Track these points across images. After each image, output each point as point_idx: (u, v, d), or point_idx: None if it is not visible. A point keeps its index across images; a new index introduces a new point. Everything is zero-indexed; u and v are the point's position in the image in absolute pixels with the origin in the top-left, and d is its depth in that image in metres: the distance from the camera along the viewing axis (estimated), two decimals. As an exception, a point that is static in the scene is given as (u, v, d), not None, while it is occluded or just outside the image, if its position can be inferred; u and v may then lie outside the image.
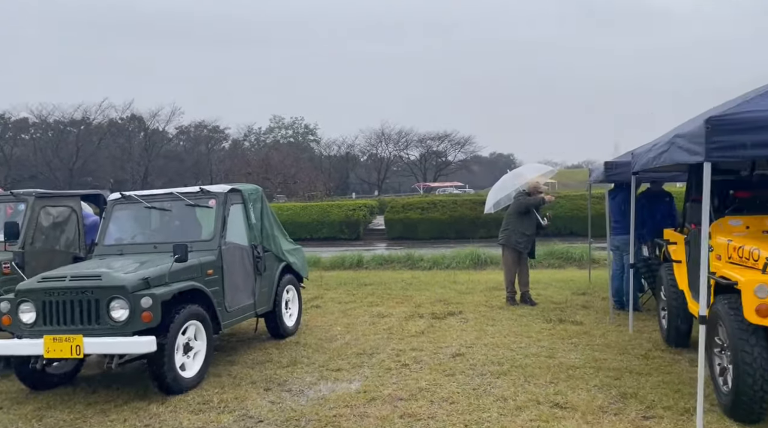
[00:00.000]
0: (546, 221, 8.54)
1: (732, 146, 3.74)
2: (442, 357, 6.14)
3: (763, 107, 3.78)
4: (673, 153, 4.65)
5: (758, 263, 4.05)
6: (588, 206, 10.43)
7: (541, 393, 4.93)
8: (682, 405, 4.49)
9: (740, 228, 4.71)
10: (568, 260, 13.62)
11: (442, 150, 67.05)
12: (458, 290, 10.38)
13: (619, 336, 6.62)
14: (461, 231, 22.25)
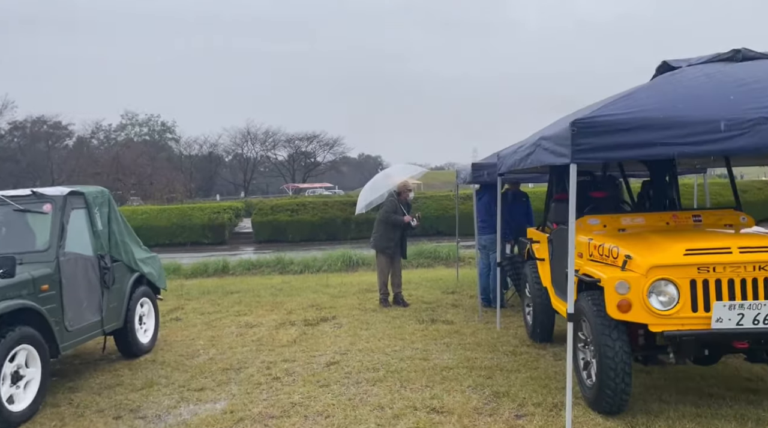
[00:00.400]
0: (416, 222, 8.57)
1: (597, 148, 3.85)
2: (316, 367, 5.85)
3: (626, 110, 3.94)
4: (540, 155, 4.76)
5: (617, 261, 4.25)
6: (456, 207, 10.71)
7: (417, 398, 4.83)
8: (550, 400, 4.61)
9: (599, 227, 4.96)
10: (437, 259, 13.96)
11: (311, 151, 66.57)
12: (331, 293, 10.14)
13: (488, 334, 6.77)
14: (332, 233, 22.09)
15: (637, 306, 3.95)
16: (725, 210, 4.94)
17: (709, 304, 3.86)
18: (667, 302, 3.92)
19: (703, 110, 3.94)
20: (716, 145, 3.82)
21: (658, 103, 4.08)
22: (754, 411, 4.10)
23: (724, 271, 3.84)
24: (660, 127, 3.85)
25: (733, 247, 3.88)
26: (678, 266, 3.90)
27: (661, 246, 4.11)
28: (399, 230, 8.60)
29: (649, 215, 4.99)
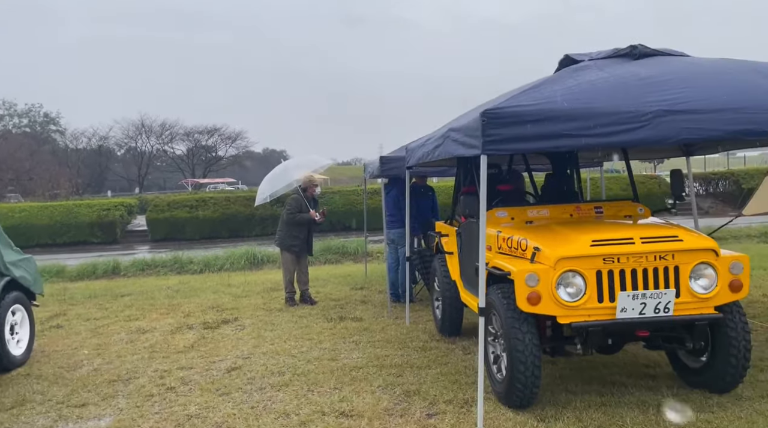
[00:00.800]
0: (320, 218, 8.27)
1: (507, 139, 3.78)
2: (216, 374, 5.44)
3: (534, 101, 3.90)
4: (449, 147, 4.65)
5: (526, 253, 4.22)
6: (364, 201, 10.53)
7: (325, 402, 4.58)
8: (461, 396, 4.52)
9: (506, 219, 4.94)
10: (345, 254, 13.75)
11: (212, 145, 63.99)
12: (233, 293, 9.64)
13: (398, 330, 6.64)
14: (235, 230, 21.25)
15: (546, 298, 3.93)
16: (624, 202, 5.09)
17: (614, 294, 3.91)
18: (574, 293, 3.94)
19: (607, 103, 3.98)
20: (619, 137, 3.87)
21: (564, 95, 4.08)
22: (655, 398, 4.22)
23: (627, 261, 3.90)
24: (567, 118, 3.85)
25: (635, 237, 3.95)
26: (585, 257, 3.92)
27: (568, 238, 4.13)
28: (305, 227, 8.28)
29: (553, 208, 5.03)
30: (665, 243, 3.92)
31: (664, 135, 3.87)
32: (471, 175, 5.69)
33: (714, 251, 3.92)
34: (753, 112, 3.82)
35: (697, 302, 3.93)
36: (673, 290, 3.87)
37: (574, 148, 3.91)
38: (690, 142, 3.92)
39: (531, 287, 3.93)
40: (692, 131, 3.85)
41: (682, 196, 4.85)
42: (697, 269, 3.92)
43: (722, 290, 3.92)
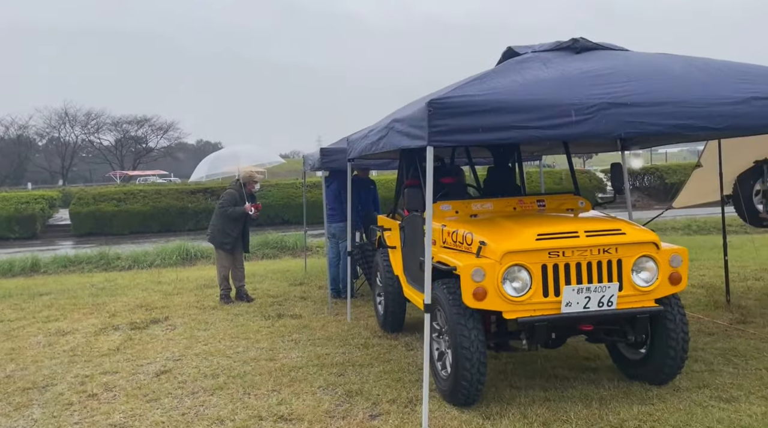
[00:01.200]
0: (254, 212, 7.93)
1: (454, 130, 3.66)
2: (143, 378, 5.08)
3: (482, 92, 3.79)
4: (393, 138, 4.50)
5: (472, 247, 4.13)
6: (303, 194, 10.24)
7: (263, 406, 4.34)
8: (405, 395, 4.39)
9: (451, 213, 4.84)
10: (283, 249, 13.41)
11: (142, 136, 61.38)
12: (164, 291, 9.15)
13: (339, 327, 6.45)
14: (167, 224, 20.40)
15: (492, 294, 3.85)
16: (565, 195, 5.09)
17: (559, 289, 3.87)
18: (520, 288, 3.87)
19: (554, 95, 3.93)
20: (565, 130, 3.82)
21: (511, 87, 4.01)
22: (596, 391, 4.23)
23: (572, 255, 3.87)
24: (515, 110, 3.78)
25: (579, 231, 3.93)
26: (530, 251, 3.86)
27: (513, 232, 4.06)
28: (240, 222, 7.92)
29: (497, 201, 4.98)
30: (609, 237, 3.92)
31: (608, 129, 3.86)
32: (415, 167, 5.57)
33: (655, 244, 3.95)
34: (693, 106, 3.86)
35: (638, 296, 3.95)
36: (616, 283, 3.87)
37: (522, 140, 3.84)
38: (632, 136, 3.91)
39: (477, 283, 3.84)
40: (635, 125, 3.85)
41: (622, 189, 4.90)
42: (639, 262, 3.94)
43: (662, 283, 3.96)
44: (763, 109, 3.90)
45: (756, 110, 3.89)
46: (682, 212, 11.46)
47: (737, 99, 3.91)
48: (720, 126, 3.89)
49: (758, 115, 3.90)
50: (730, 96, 3.93)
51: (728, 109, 3.88)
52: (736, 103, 3.90)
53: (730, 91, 3.99)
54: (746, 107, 3.89)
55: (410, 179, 5.74)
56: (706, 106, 3.88)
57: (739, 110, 3.89)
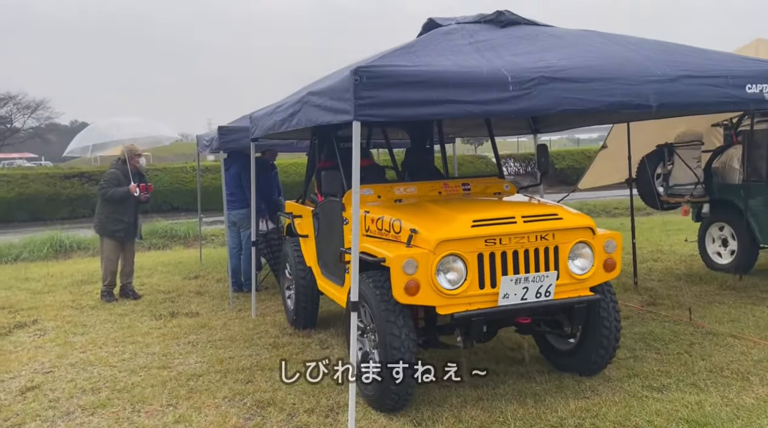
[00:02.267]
0: (144, 194, 7.02)
1: (384, 103, 3.23)
2: (4, 398, 4.20)
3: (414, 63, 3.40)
4: (310, 113, 3.97)
5: (401, 236, 3.71)
6: (197, 179, 9.34)
7: (157, 425, 3.69)
8: (325, 403, 3.91)
9: (373, 198, 4.39)
10: (173, 238, 12.32)
11: (6, 115, 55.13)
12: (32, 289, 7.96)
13: (243, 325, 5.82)
14: (36, 212, 18.23)
15: (425, 287, 3.46)
16: (490, 178, 4.82)
17: (495, 279, 3.56)
18: (455, 280, 3.51)
19: (491, 69, 3.60)
20: (504, 105, 3.51)
21: (444, 59, 3.62)
22: (529, 386, 3.99)
23: (509, 243, 3.57)
24: (452, 84, 3.41)
25: (517, 216, 3.63)
26: (466, 239, 3.51)
27: (446, 218, 3.69)
28: (131, 207, 6.97)
29: (421, 184, 4.60)
30: (546, 222, 3.66)
31: (546, 105, 3.59)
32: (330, 147, 5.05)
33: (591, 229, 3.75)
34: (628, 83, 3.68)
35: (575, 284, 3.73)
36: (554, 272, 3.63)
37: (457, 116, 3.46)
38: (570, 113, 3.67)
39: (409, 275, 3.43)
40: (573, 101, 3.60)
41: (548, 171, 4.70)
42: (576, 248, 3.72)
43: (598, 271, 3.77)
44: (692, 87, 3.80)
45: (687, 88, 3.79)
46: (590, 194, 11.82)
47: (668, 77, 3.78)
48: (654, 104, 3.74)
49: (689, 93, 3.79)
50: (662, 74, 3.80)
51: (661, 86, 3.74)
52: (668, 81, 3.77)
53: (659, 69, 3.86)
54: (678, 85, 3.77)
55: (324, 160, 5.22)
56: (641, 83, 3.71)
57: (670, 88, 3.76)
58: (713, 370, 4.04)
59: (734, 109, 3.91)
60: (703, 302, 5.83)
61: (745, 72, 3.94)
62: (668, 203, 7.33)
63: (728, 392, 3.69)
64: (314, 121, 3.90)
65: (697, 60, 4.05)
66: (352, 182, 3.35)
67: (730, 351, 4.39)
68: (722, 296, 5.97)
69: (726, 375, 3.95)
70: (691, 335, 4.84)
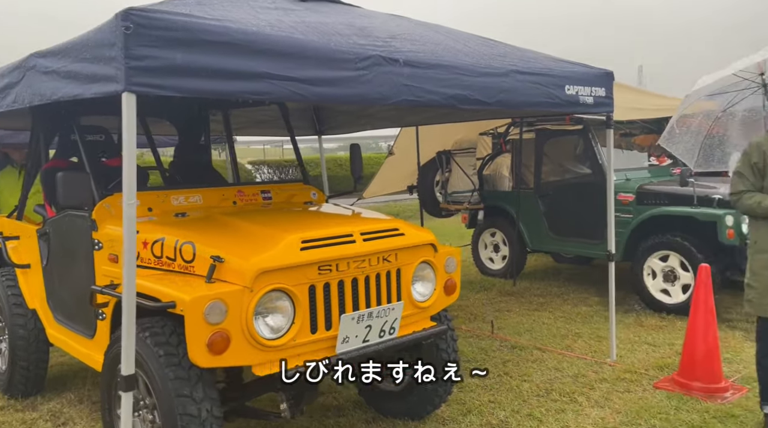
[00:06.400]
0: None
1: (172, 68, 2.16)
2: None
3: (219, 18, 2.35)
4: (37, 85, 2.63)
5: (196, 266, 2.57)
6: None
7: None
8: None
9: (142, 211, 3.09)
10: None
11: None
12: None
13: None
14: None
15: (238, 340, 2.41)
16: (295, 184, 3.91)
17: (331, 319, 2.67)
18: (279, 325, 2.53)
19: (318, 40, 2.74)
20: (338, 88, 2.72)
21: (254, 22, 2.63)
22: None
23: (348, 269, 2.72)
24: (272, 52, 2.48)
25: (355, 234, 2.79)
26: (295, 267, 2.55)
27: (263, 238, 2.67)
28: None
29: (208, 192, 3.46)
30: (388, 239, 2.90)
31: (384, 92, 2.88)
32: (66, 139, 3.56)
33: (434, 246, 3.11)
34: (466, 73, 3.21)
35: (418, 314, 3.06)
36: (400, 302, 2.89)
37: (279, 96, 2.50)
38: (410, 105, 3.00)
39: (214, 325, 2.34)
40: (413, 90, 2.98)
41: (361, 176, 3.96)
42: (419, 270, 3.04)
43: (439, 295, 3.15)
44: (525, 84, 3.52)
45: (520, 84, 3.48)
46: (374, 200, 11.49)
47: (502, 71, 3.42)
48: (491, 100, 3.34)
49: (522, 90, 3.50)
50: (496, 67, 3.41)
51: (496, 81, 3.36)
52: (502, 75, 3.40)
53: (491, 62, 3.46)
54: (511, 81, 3.44)
55: (57, 157, 3.68)
56: (478, 75, 3.27)
57: (505, 83, 3.41)
58: (540, 394, 3.77)
59: (555, 109, 3.73)
60: (492, 310, 5.77)
61: (564, 73, 3.80)
62: (447, 210, 7.32)
63: (566, 420, 3.41)
64: (47, 96, 2.55)
65: (522, 57, 3.77)
66: (124, 188, 2.14)
67: (544, 367, 4.23)
68: (507, 304, 6.01)
69: (555, 398, 3.69)
70: (499, 350, 4.60)
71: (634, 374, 4.00)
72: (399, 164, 6.83)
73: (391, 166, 7.11)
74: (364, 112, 5.27)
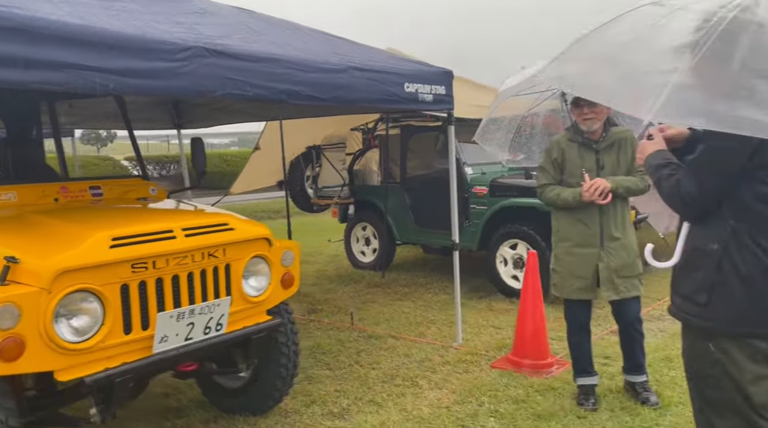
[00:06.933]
0: None
1: None
2: None
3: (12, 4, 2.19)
4: None
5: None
6: None
7: None
8: None
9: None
10: None
11: None
12: None
13: None
14: None
15: (34, 345, 2.27)
16: (131, 180, 3.73)
17: (148, 318, 2.59)
18: (85, 327, 2.41)
19: (133, 27, 2.64)
20: (153, 81, 2.62)
21: (45, 5, 2.50)
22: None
23: (167, 266, 2.64)
24: (73, 42, 2.38)
25: (176, 229, 2.71)
26: (103, 265, 2.43)
27: (68, 236, 2.52)
28: None
29: (24, 188, 3.21)
30: (214, 234, 2.85)
31: (207, 86, 2.85)
32: None
33: (268, 240, 3.10)
34: (299, 68, 3.22)
35: (250, 309, 3.03)
36: (227, 298, 2.85)
37: (85, 89, 2.37)
38: (236, 98, 2.96)
39: (6, 330, 2.18)
40: (239, 84, 2.95)
41: (204, 171, 3.85)
42: (251, 264, 3.02)
43: (275, 289, 3.15)
44: (362, 81, 3.59)
45: (357, 81, 3.55)
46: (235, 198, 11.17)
47: (339, 67, 3.47)
48: (326, 96, 3.37)
49: (359, 87, 3.57)
50: (333, 63, 3.45)
51: (332, 77, 3.41)
52: (339, 71, 3.46)
53: (329, 58, 3.51)
54: (348, 78, 3.50)
55: None
56: (313, 71, 3.30)
57: (341, 79, 3.47)
58: (386, 380, 3.89)
59: (394, 106, 3.85)
60: (358, 302, 5.87)
61: (403, 71, 3.92)
62: (318, 205, 7.33)
63: (405, 403, 3.55)
64: None
65: (361, 54, 3.84)
66: None
67: (395, 354, 4.36)
68: (373, 295, 6.14)
69: (398, 383, 3.83)
70: (356, 341, 4.69)
71: (475, 355, 4.23)
72: (266, 159, 6.74)
73: (258, 161, 7.01)
74: (217, 105, 5.15)
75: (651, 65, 1.68)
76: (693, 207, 1.89)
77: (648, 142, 2.06)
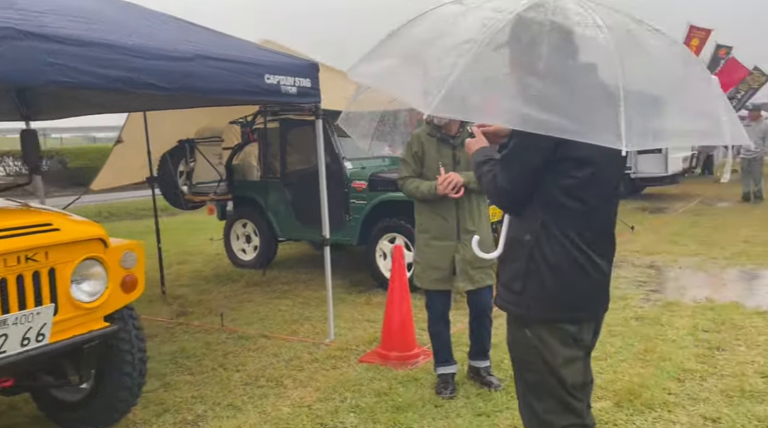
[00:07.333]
0: None
1: None
2: None
3: None
4: None
5: None
6: None
7: None
8: None
9: None
10: None
11: None
12: None
13: None
14: None
15: None
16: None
17: (-52, 331, 2.29)
18: None
19: None
20: None
21: None
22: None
23: (-28, 272, 2.35)
24: None
25: (-16, 231, 2.42)
26: None
27: None
28: None
29: None
30: (34, 236, 2.58)
31: (27, 70, 2.56)
32: None
33: (103, 240, 2.86)
34: (140, 55, 3.00)
35: (82, 316, 2.78)
36: (50, 305, 2.59)
37: None
38: (62, 86, 2.70)
39: None
40: (63, 69, 2.69)
41: (39, 166, 3.50)
42: (81, 268, 2.77)
43: (114, 293, 2.91)
44: (216, 70, 3.42)
45: (210, 71, 3.38)
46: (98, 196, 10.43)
47: (188, 55, 3.28)
48: (172, 85, 3.17)
49: (213, 77, 3.40)
50: (181, 51, 3.26)
51: (180, 65, 3.21)
52: (187, 59, 3.26)
53: (178, 45, 3.31)
54: (199, 67, 3.32)
55: None
56: (155, 58, 3.09)
57: (191, 68, 3.27)
58: (249, 382, 3.75)
59: (253, 98, 3.70)
60: (233, 302, 5.65)
61: (263, 62, 3.78)
62: (193, 202, 7.00)
63: (265, 405, 3.43)
64: None
65: (216, 43, 3.66)
66: None
67: (263, 354, 4.23)
68: (250, 294, 5.94)
69: (261, 384, 3.70)
70: (224, 343, 4.50)
71: (345, 351, 4.19)
72: (130, 153, 6.29)
73: (122, 155, 6.55)
74: (68, 94, 4.72)
75: (439, 61, 1.69)
76: (508, 200, 1.94)
77: (471, 139, 2.09)
